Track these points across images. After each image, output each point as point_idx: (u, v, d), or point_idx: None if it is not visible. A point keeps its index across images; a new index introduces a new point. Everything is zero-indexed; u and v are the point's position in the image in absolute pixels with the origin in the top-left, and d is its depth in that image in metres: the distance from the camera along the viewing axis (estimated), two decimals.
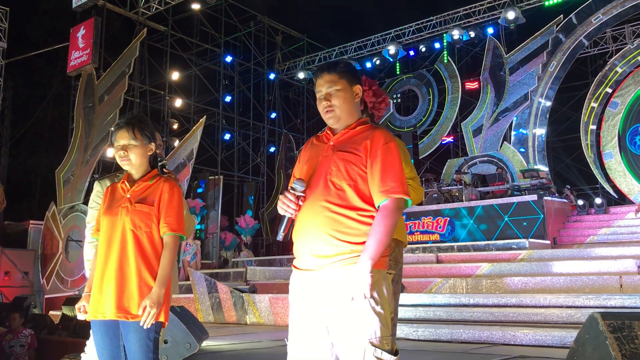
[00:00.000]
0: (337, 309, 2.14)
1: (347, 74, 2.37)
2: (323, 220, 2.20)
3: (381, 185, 2.19)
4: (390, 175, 2.20)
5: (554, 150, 18.73)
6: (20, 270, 15.05)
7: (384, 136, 2.28)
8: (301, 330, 2.24)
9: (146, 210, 2.64)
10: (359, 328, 2.10)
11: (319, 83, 2.37)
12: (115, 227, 2.64)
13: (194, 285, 11.31)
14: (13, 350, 6.04)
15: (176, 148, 15.87)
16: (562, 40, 16.06)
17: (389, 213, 2.17)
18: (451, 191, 14.79)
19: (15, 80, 20.66)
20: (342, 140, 2.32)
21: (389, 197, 2.18)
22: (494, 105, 16.98)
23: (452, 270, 10.27)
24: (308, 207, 2.26)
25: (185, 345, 4.95)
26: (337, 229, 2.18)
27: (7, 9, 17.70)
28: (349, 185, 2.22)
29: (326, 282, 2.17)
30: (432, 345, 6.45)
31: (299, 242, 2.28)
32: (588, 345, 2.57)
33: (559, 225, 12.70)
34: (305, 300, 2.23)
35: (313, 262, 2.21)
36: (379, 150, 2.23)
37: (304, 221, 2.26)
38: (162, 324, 2.60)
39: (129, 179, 2.77)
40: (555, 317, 6.65)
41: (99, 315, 2.59)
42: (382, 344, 2.10)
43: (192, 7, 17.56)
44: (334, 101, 2.33)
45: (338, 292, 2.14)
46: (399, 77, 20.28)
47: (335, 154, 2.28)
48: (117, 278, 2.58)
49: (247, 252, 16.76)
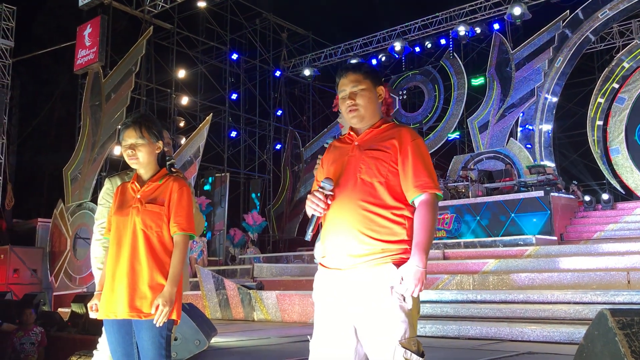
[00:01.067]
0: (367, 308, 2.15)
1: (372, 75, 2.39)
2: (355, 218, 2.21)
3: (415, 181, 2.21)
4: (423, 170, 2.23)
5: (561, 146, 18.66)
6: (28, 268, 15.16)
7: (411, 133, 2.31)
8: (327, 328, 2.24)
9: (156, 210, 2.67)
10: (389, 329, 2.11)
11: (343, 82, 2.38)
12: (126, 227, 2.67)
13: (202, 282, 11.36)
14: (23, 347, 6.07)
15: (183, 146, 15.93)
16: (569, 36, 16.00)
17: (430, 207, 2.20)
18: (457, 187, 14.78)
19: (22, 78, 20.75)
20: (368, 139, 2.34)
21: (424, 191, 2.21)
22: (500, 101, 16.94)
23: (458, 267, 10.27)
24: (339, 205, 2.27)
25: (195, 342, 4.99)
26: (370, 227, 2.19)
27: (14, 8, 17.79)
28: (380, 182, 2.23)
29: (356, 281, 2.18)
30: (439, 341, 6.47)
31: (330, 240, 2.28)
32: (597, 342, 2.58)
33: (565, 221, 12.68)
34: (333, 300, 2.23)
35: (344, 261, 2.22)
36: (408, 147, 2.25)
37: (335, 220, 2.27)
38: (174, 321, 2.63)
39: (138, 179, 2.79)
40: (563, 313, 6.66)
41: (111, 315, 2.62)
42: (409, 345, 2.11)
43: (198, 5, 17.62)
44: (359, 100, 2.35)
45: (369, 291, 2.15)
46: (404, 73, 20.25)
47: (364, 152, 2.29)
48: (129, 277, 2.60)
49: (254, 248, 16.81)
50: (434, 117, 19.40)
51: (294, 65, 21.73)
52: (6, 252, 15.14)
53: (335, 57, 20.64)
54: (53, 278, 15.31)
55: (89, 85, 15.80)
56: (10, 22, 17.73)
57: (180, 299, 2.68)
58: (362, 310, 2.16)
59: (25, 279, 15.08)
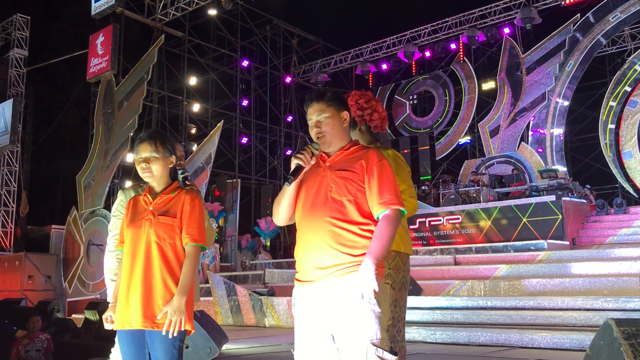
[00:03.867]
0: (340, 314, 2.28)
1: (335, 102, 2.55)
2: (325, 234, 2.36)
3: (379, 198, 2.37)
4: (387, 189, 2.39)
5: (573, 150, 18.57)
6: (43, 274, 15.31)
7: (377, 154, 2.48)
8: (307, 340, 2.37)
9: (169, 222, 2.72)
10: (361, 330, 2.24)
11: (309, 112, 2.56)
12: (140, 239, 2.72)
13: (213, 288, 11.42)
14: (29, 355, 6.13)
15: (194, 152, 16.04)
16: (580, 39, 15.94)
17: (390, 221, 2.35)
18: (468, 192, 14.73)
19: (37, 86, 21.01)
20: (338, 161, 2.50)
21: (387, 208, 2.36)
22: (511, 106, 16.89)
23: (470, 272, 10.24)
24: (310, 222, 2.43)
25: (206, 350, 5.03)
26: (339, 242, 2.34)
27: (28, 17, 18.05)
28: (349, 200, 2.39)
29: (328, 290, 2.32)
30: (449, 348, 6.47)
31: (302, 256, 2.44)
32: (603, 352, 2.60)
33: (577, 225, 12.58)
34: (309, 311, 2.37)
35: (315, 273, 2.36)
36: (374, 167, 2.42)
37: (307, 236, 2.43)
38: (186, 332, 2.67)
39: (150, 191, 2.85)
40: (574, 319, 6.63)
41: (126, 325, 2.67)
42: (382, 345, 2.24)
43: (209, 13, 17.73)
44: (324, 128, 2.52)
45: (340, 298, 2.29)
46: (414, 78, 20.26)
47: (334, 172, 2.46)
48: (143, 288, 2.65)
49: (266, 254, 16.86)
50: (445, 122, 19.39)
51: (304, 71, 21.82)
52: (21, 258, 15.31)
53: (345, 62, 20.70)
54: (67, 284, 15.45)
55: (102, 93, 15.96)
56: (24, 31, 17.98)
57: (191, 310, 2.72)
58: (335, 318, 2.29)
59: (40, 285, 15.24)
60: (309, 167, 2.49)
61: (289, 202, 2.53)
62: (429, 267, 10.98)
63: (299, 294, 2.42)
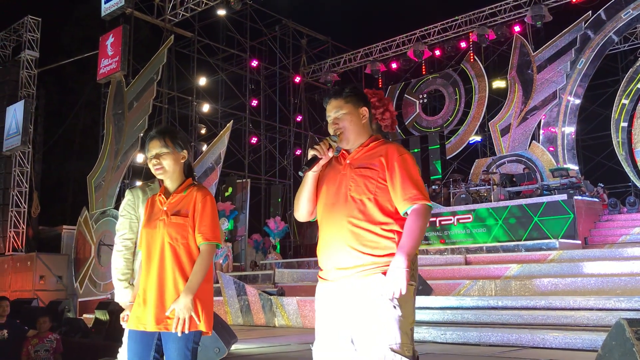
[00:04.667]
0: (360, 318, 2.24)
1: (353, 98, 2.51)
2: (346, 235, 2.33)
3: (404, 194, 2.32)
4: (410, 184, 2.33)
5: (584, 149, 18.41)
6: (54, 274, 15.41)
7: (397, 149, 2.42)
8: (327, 339, 2.35)
9: (181, 222, 2.69)
10: (380, 335, 2.19)
11: (328, 109, 2.53)
12: (154, 240, 2.70)
13: (223, 288, 11.43)
14: (38, 355, 6.15)
15: (204, 153, 16.07)
16: (591, 37, 15.79)
17: (420, 216, 2.29)
18: (479, 191, 14.65)
19: (48, 88, 21.14)
20: (358, 158, 2.46)
21: (414, 203, 2.29)
22: (521, 104, 16.78)
23: (480, 272, 10.17)
24: (331, 222, 2.40)
25: (215, 350, 5.02)
26: (360, 242, 2.31)
27: (39, 19, 18.16)
28: (369, 198, 2.35)
29: (349, 291, 2.29)
30: (460, 348, 6.43)
31: (323, 255, 2.42)
32: (615, 352, 2.55)
33: (590, 224, 12.47)
34: (330, 310, 2.36)
35: (336, 274, 2.34)
36: (395, 163, 2.37)
37: (328, 235, 2.40)
38: (201, 333, 2.65)
39: (165, 191, 2.82)
40: (586, 319, 6.56)
41: (140, 326, 2.65)
42: (402, 350, 2.18)
43: (218, 13, 17.75)
44: (342, 124, 2.48)
45: (360, 301, 2.25)
46: (424, 77, 20.18)
47: (353, 170, 2.42)
48: (157, 290, 2.64)
49: (275, 254, 16.86)
50: (455, 121, 19.29)
51: (313, 71, 21.80)
52: (33, 259, 15.43)
53: (354, 62, 20.66)
54: (78, 284, 15.54)
55: (112, 94, 16.03)
56: (35, 33, 18.10)
57: (211, 310, 2.71)
58: (355, 319, 2.26)
59: (51, 285, 15.34)
60: (325, 160, 2.45)
61: (308, 195, 2.49)
62: (440, 267, 10.92)
63: (321, 291, 2.42)
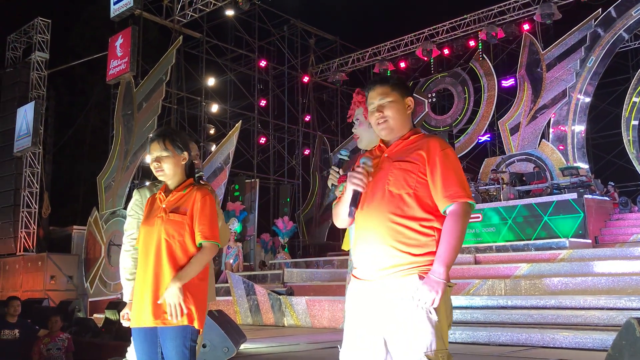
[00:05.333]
0: (395, 320, 2.16)
1: (399, 86, 2.40)
2: (384, 231, 2.22)
3: (444, 191, 2.20)
4: (452, 180, 2.21)
5: (595, 147, 18.29)
6: (65, 275, 15.50)
7: (440, 143, 2.30)
8: (357, 340, 2.25)
9: (179, 220, 2.71)
10: (415, 340, 2.11)
11: (372, 95, 2.39)
12: (152, 237, 2.72)
13: (232, 287, 11.46)
14: (50, 353, 6.22)
15: (213, 153, 16.11)
16: (601, 35, 15.68)
17: (458, 218, 2.18)
18: (489, 191, 14.58)
19: (58, 89, 21.27)
20: (397, 151, 2.34)
21: (454, 201, 2.20)
22: (531, 103, 16.69)
23: (490, 271, 10.12)
24: (367, 217, 2.28)
25: (223, 349, 5.03)
26: (398, 240, 2.20)
27: (49, 21, 18.27)
28: (408, 194, 2.23)
29: (384, 293, 2.19)
30: (469, 348, 6.40)
31: (359, 252, 2.31)
32: (625, 352, 2.53)
33: (600, 223, 12.38)
34: (363, 311, 2.26)
35: (373, 273, 2.24)
36: (437, 158, 2.25)
37: (364, 232, 2.29)
38: (198, 331, 2.66)
39: (166, 189, 2.85)
40: (596, 319, 6.51)
41: (140, 323, 2.68)
42: (436, 357, 2.10)
43: (226, 14, 17.77)
44: (387, 112, 2.35)
45: (396, 302, 2.16)
46: (433, 76, 20.11)
47: (392, 164, 2.30)
48: (153, 286, 2.66)
49: (284, 254, 16.87)
50: (464, 120, 19.21)
51: (321, 71, 21.79)
52: (43, 259, 15.53)
53: (363, 61, 20.63)
54: (88, 284, 15.63)
55: (121, 95, 16.10)
56: (45, 34, 18.22)
57: (204, 309, 2.71)
58: (390, 322, 2.17)
59: (62, 285, 15.44)
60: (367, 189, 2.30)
61: None
62: None
63: (354, 290, 2.31)
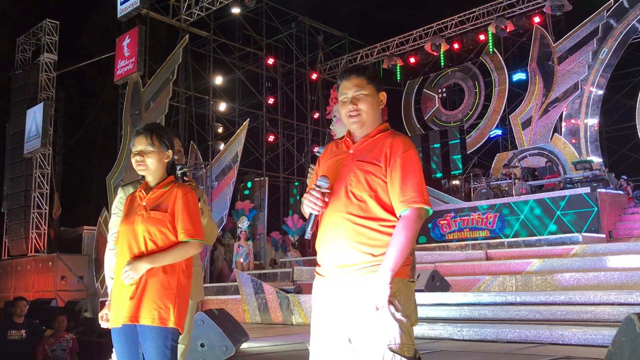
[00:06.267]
0: (358, 317, 2.13)
1: (375, 80, 2.32)
2: (345, 231, 2.19)
3: (401, 195, 2.16)
4: (410, 184, 2.17)
5: (608, 141, 17.99)
6: (75, 275, 15.55)
7: (403, 144, 2.23)
8: (323, 337, 2.23)
9: (159, 217, 2.65)
10: (378, 334, 2.09)
11: (345, 85, 2.31)
12: (131, 235, 2.67)
13: (241, 286, 11.42)
14: (55, 353, 6.22)
15: (221, 152, 16.06)
16: (614, 26, 15.41)
17: (409, 223, 2.14)
18: (500, 186, 14.43)
19: (67, 90, 21.35)
20: (362, 149, 2.28)
21: (409, 207, 2.15)
22: (542, 96, 16.46)
23: (501, 267, 9.99)
24: (330, 217, 2.25)
25: (222, 349, 4.96)
26: (359, 240, 2.17)
27: (57, 22, 18.35)
28: (370, 196, 2.20)
29: (347, 290, 2.17)
30: (476, 345, 6.28)
31: (321, 251, 2.28)
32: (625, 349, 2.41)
33: (614, 218, 12.16)
34: (327, 309, 2.23)
35: (335, 271, 2.21)
36: (398, 159, 2.19)
37: (326, 231, 2.26)
38: (178, 331, 2.60)
39: (146, 187, 2.79)
40: (607, 315, 6.34)
41: (118, 323, 2.61)
42: (402, 351, 2.07)
43: (233, 11, 17.71)
44: (361, 106, 2.28)
45: (359, 300, 2.14)
46: (443, 71, 19.93)
47: (355, 163, 2.25)
48: (135, 285, 2.59)
49: (295, 252, 16.80)
50: (475, 115, 19.05)
51: (330, 68, 21.68)
52: (54, 259, 15.60)
53: (371, 57, 20.49)
54: (99, 284, 15.66)
55: (129, 95, 16.12)
56: (54, 36, 18.29)
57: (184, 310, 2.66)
58: (353, 320, 2.15)
59: (73, 285, 15.49)
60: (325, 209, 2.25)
61: None
62: (460, 263, 10.75)
63: (319, 288, 2.29)
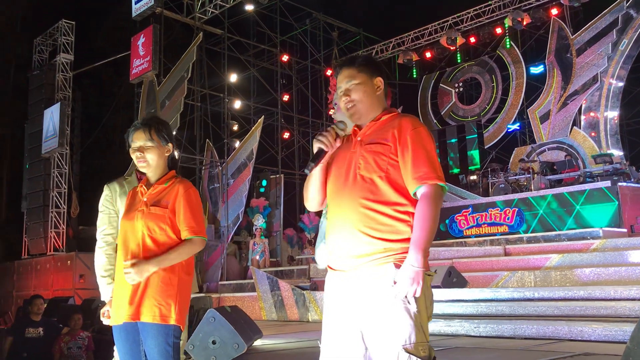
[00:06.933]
0: (371, 312, 2.06)
1: (367, 67, 2.29)
2: (356, 217, 2.12)
3: (413, 172, 2.10)
4: (422, 160, 2.11)
5: (629, 134, 17.65)
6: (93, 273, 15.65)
7: (412, 122, 2.19)
8: (335, 332, 2.16)
9: (160, 213, 2.60)
10: (393, 333, 2.00)
11: (339, 79, 2.31)
12: (132, 231, 2.63)
13: (257, 283, 11.40)
14: (71, 351, 6.23)
15: (237, 149, 16.09)
16: (634, 16, 15.10)
17: (429, 200, 2.07)
18: (519, 180, 14.24)
19: (84, 90, 21.52)
20: (369, 133, 2.25)
21: (424, 183, 2.08)
22: (561, 89, 16.21)
23: (519, 263, 9.85)
24: (339, 204, 2.19)
25: (233, 346, 4.92)
26: (370, 226, 2.10)
27: (73, 22, 18.49)
28: (380, 177, 2.13)
29: (359, 283, 2.10)
30: (493, 341, 6.17)
31: (333, 242, 2.21)
32: None
33: (636, 212, 11.89)
34: (339, 303, 2.16)
35: (347, 262, 2.14)
36: (408, 137, 2.14)
37: (337, 219, 2.19)
38: (179, 328, 2.56)
39: (147, 182, 2.74)
40: (627, 310, 6.18)
41: (120, 320, 2.58)
42: (416, 350, 1.99)
43: (247, 9, 17.68)
44: (354, 96, 2.26)
45: (371, 293, 2.06)
46: (460, 65, 19.71)
47: (363, 147, 2.21)
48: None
49: (311, 249, 16.75)
50: (493, 109, 18.80)
51: None
52: (72, 258, 15.72)
53: (387, 52, 20.35)
54: None
55: (145, 94, 16.17)
56: (70, 36, 18.43)
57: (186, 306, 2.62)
58: (366, 315, 2.06)
59: (91, 284, 15.57)
60: (332, 151, 2.25)
61: (317, 186, 2.30)
62: (478, 259, 10.62)
63: (330, 281, 2.22)
